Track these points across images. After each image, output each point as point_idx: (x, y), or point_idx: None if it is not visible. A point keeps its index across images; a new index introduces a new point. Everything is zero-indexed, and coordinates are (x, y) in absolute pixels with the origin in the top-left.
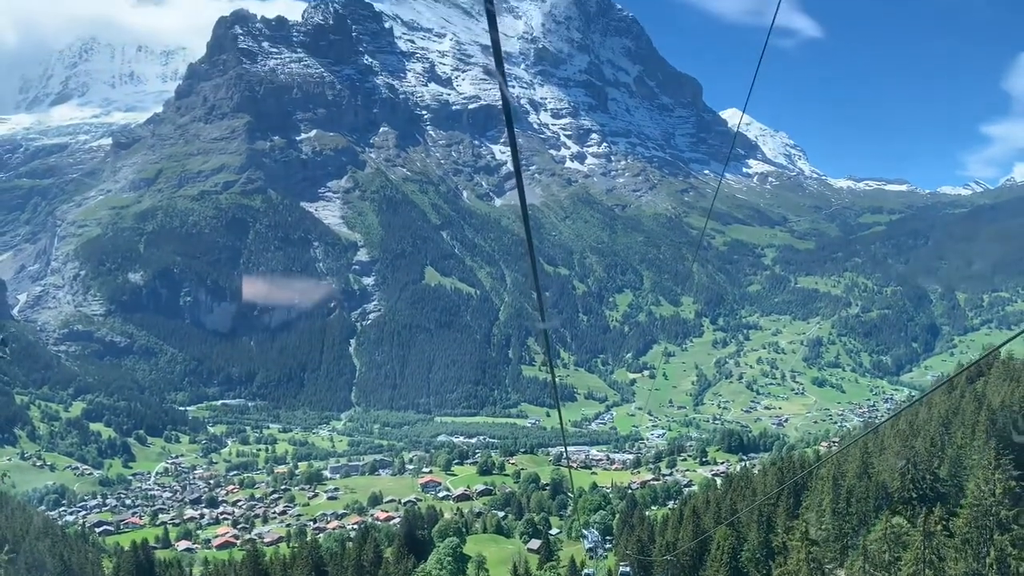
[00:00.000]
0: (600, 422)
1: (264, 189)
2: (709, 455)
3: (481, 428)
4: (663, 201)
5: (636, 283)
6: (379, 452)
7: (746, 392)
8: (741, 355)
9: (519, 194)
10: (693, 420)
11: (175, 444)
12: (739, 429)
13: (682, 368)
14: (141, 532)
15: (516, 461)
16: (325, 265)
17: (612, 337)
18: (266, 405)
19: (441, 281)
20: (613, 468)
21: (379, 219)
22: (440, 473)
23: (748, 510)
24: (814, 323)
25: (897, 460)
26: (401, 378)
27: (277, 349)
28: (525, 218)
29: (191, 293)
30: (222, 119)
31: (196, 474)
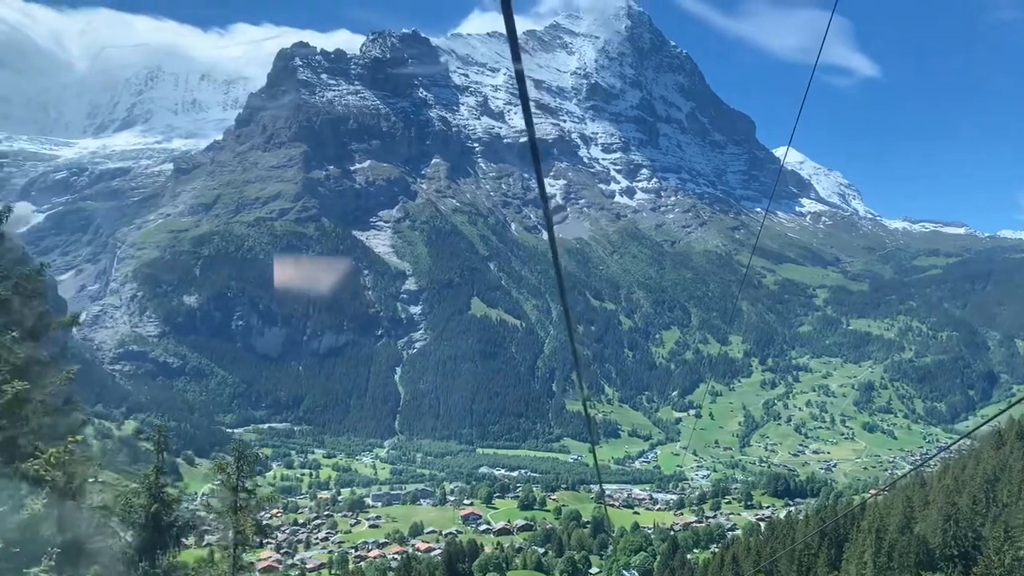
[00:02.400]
0: (644, 460)
1: (318, 217)
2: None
3: (523, 461)
4: (713, 238)
5: (684, 320)
6: (421, 481)
7: (794, 435)
8: (790, 397)
9: (546, 219)
10: (739, 462)
11: None
12: (786, 473)
13: (729, 408)
14: (187, 553)
15: (557, 497)
16: (374, 293)
17: (658, 374)
18: (311, 430)
19: (487, 312)
20: (656, 508)
21: (428, 249)
22: (481, 506)
23: (788, 559)
24: (866, 367)
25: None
26: (444, 408)
27: (324, 375)
28: (553, 248)
29: (243, 317)
30: (280, 148)
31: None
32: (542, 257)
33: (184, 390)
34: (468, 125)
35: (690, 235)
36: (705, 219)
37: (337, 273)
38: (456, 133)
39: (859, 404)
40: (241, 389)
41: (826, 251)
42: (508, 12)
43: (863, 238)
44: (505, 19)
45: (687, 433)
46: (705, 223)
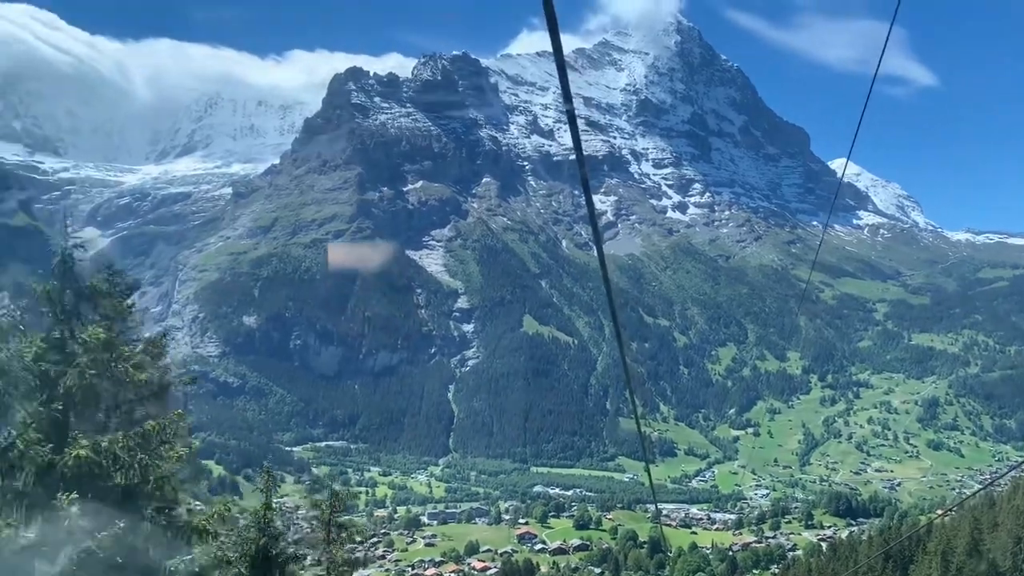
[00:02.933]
0: (701, 479)
1: (372, 237)
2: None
3: (577, 480)
4: (769, 252)
5: (740, 336)
6: (475, 500)
7: (856, 453)
8: (851, 414)
9: (595, 238)
10: (799, 480)
11: (281, 484)
12: (848, 492)
13: (788, 426)
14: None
15: (613, 516)
16: (427, 312)
17: (714, 392)
18: (367, 448)
19: (539, 330)
20: (714, 528)
21: (480, 267)
22: (536, 525)
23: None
24: (930, 382)
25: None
26: (498, 426)
27: (380, 393)
28: (603, 266)
29: (301, 337)
30: (335, 171)
31: (299, 515)
32: (593, 274)
33: (244, 409)
34: (518, 144)
35: (745, 250)
36: (760, 233)
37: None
38: (506, 152)
39: (923, 421)
40: (299, 408)
41: (885, 264)
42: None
43: (924, 251)
44: (555, 55)
45: (745, 451)
46: (760, 237)
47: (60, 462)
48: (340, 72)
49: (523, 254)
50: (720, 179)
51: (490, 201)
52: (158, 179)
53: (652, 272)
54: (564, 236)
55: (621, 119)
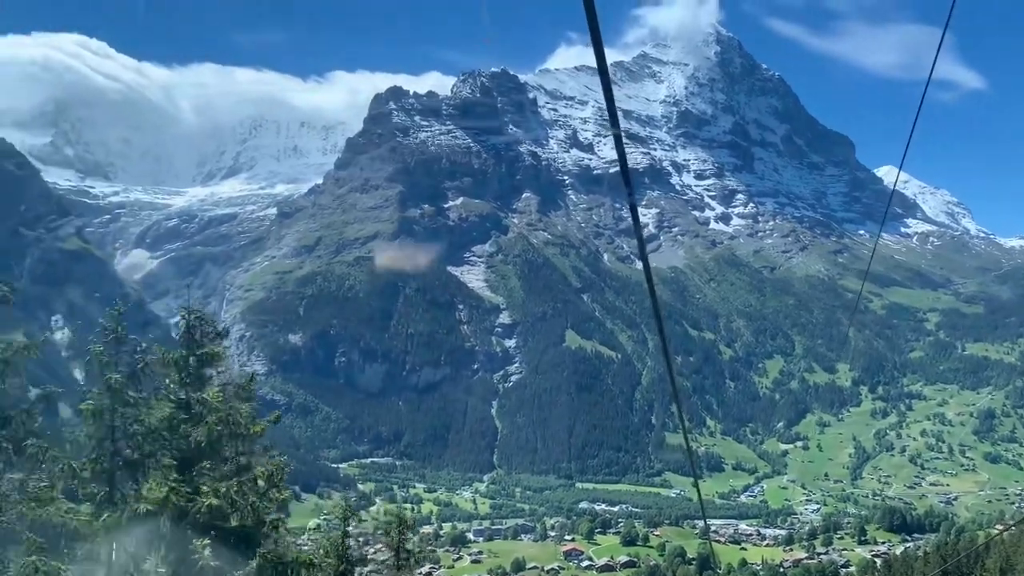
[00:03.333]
0: (749, 494)
1: (414, 255)
2: (869, 533)
3: (623, 496)
4: (815, 262)
5: (787, 348)
6: (521, 516)
7: (909, 466)
8: (903, 426)
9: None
10: (851, 495)
11: (327, 501)
12: (902, 506)
13: (838, 439)
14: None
15: (661, 533)
16: (469, 328)
17: (762, 405)
18: (412, 464)
19: (582, 344)
20: (764, 544)
21: (521, 282)
22: (582, 541)
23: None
24: (985, 393)
25: None
26: (542, 441)
27: (423, 409)
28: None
29: (345, 354)
30: (376, 189)
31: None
32: (636, 287)
33: (290, 426)
34: (558, 158)
35: (790, 260)
36: (806, 243)
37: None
38: (546, 167)
39: (979, 433)
40: (344, 425)
41: (936, 273)
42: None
43: (976, 258)
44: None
45: (794, 465)
46: (806, 247)
47: (193, 509)
48: (381, 92)
49: (564, 268)
50: (764, 189)
51: (530, 216)
52: (205, 201)
53: (696, 284)
54: (605, 249)
55: (661, 131)
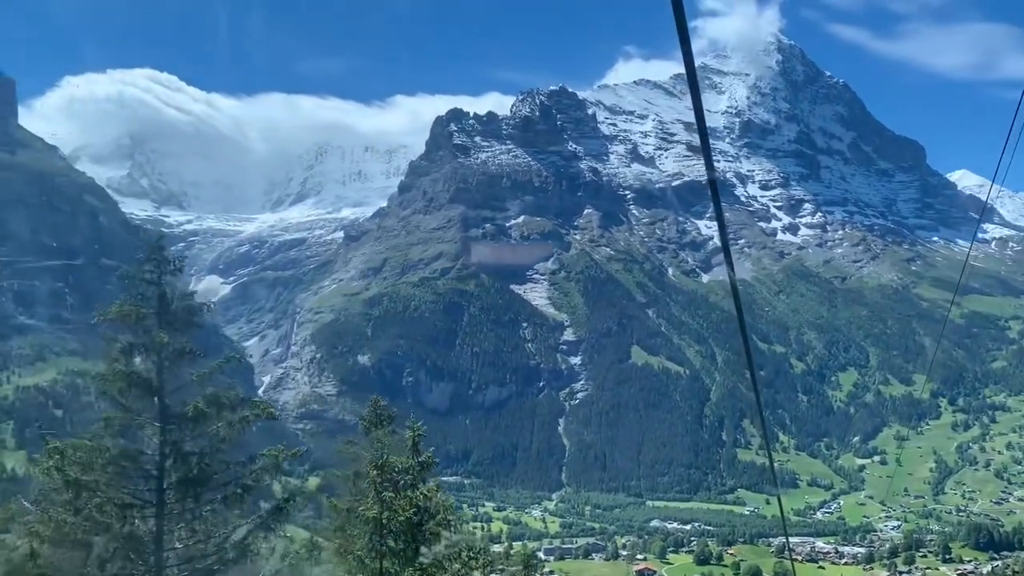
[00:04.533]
0: (826, 511)
1: (477, 274)
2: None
3: (695, 514)
4: (887, 271)
5: (861, 360)
6: (591, 535)
7: (995, 481)
8: (987, 439)
9: (727, 267)
10: (933, 511)
11: None
12: (988, 523)
13: (918, 453)
14: None
15: (735, 551)
16: (534, 345)
17: (836, 419)
18: (481, 483)
19: (648, 360)
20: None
21: (584, 299)
22: (655, 561)
23: None
24: None
25: None
26: (610, 459)
27: (490, 427)
28: (735, 294)
29: (412, 374)
30: (439, 210)
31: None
32: (702, 301)
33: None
34: (618, 173)
35: (862, 270)
36: (877, 252)
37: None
38: (607, 182)
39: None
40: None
41: (1017, 279)
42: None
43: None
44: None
45: (872, 481)
46: (877, 256)
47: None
48: (441, 114)
49: (628, 284)
50: (832, 198)
51: (592, 232)
52: (274, 227)
53: (764, 297)
54: (670, 264)
55: (724, 142)
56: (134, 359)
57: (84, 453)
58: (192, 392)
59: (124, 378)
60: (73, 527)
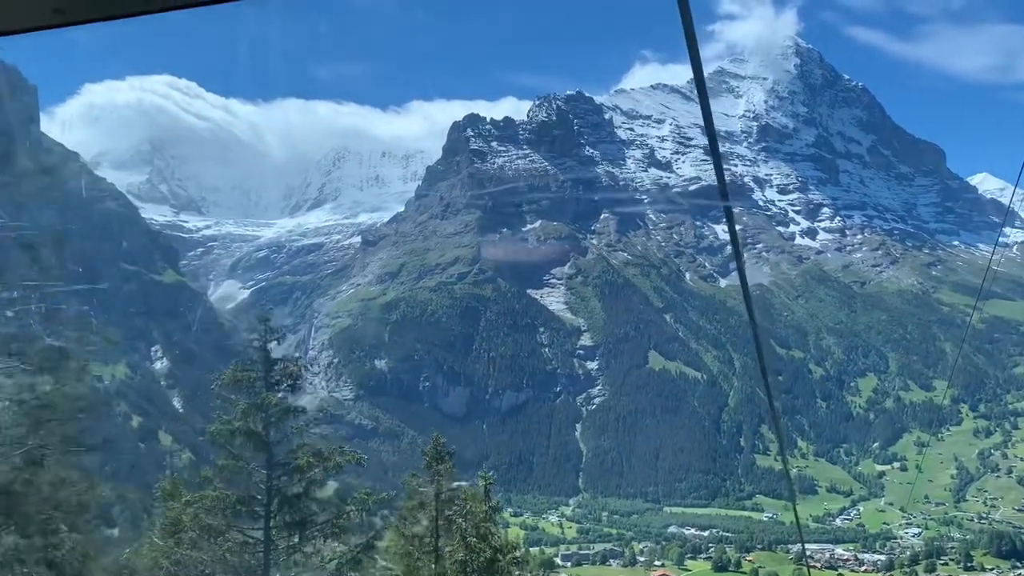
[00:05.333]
0: (845, 518)
1: (494, 279)
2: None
3: (713, 520)
4: (907, 276)
5: (881, 366)
6: (608, 541)
7: (1018, 488)
8: (1009, 446)
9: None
10: (954, 518)
11: None
12: (1011, 531)
13: (939, 460)
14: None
15: (753, 558)
16: (551, 350)
17: (856, 425)
18: (498, 488)
19: (666, 365)
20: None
21: (601, 304)
22: (673, 567)
23: None
24: None
25: None
26: (628, 465)
27: (507, 432)
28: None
29: (429, 378)
30: (456, 215)
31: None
32: (720, 306)
33: (378, 451)
34: (635, 178)
35: (881, 274)
36: (896, 256)
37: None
38: (624, 187)
39: None
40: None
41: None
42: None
43: None
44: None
45: (892, 487)
46: (897, 261)
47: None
48: (458, 119)
49: (645, 289)
50: (850, 202)
51: (609, 237)
52: (292, 232)
53: (783, 302)
54: (687, 268)
55: (742, 146)
56: (248, 418)
57: (210, 501)
58: (291, 439)
59: (239, 433)
60: (197, 562)
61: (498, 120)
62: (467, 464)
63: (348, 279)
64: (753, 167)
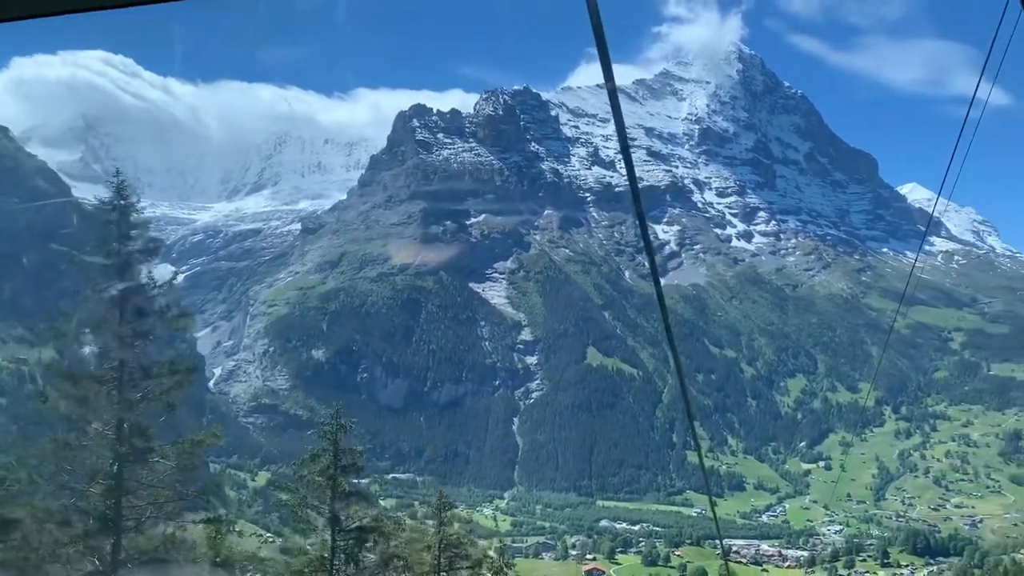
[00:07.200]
0: (771, 514)
1: (436, 271)
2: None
3: (644, 515)
4: (838, 281)
5: (809, 367)
6: (541, 534)
7: (933, 488)
8: (927, 447)
9: (651, 270)
10: (874, 516)
11: None
12: (926, 529)
13: (861, 459)
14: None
15: (682, 553)
16: (491, 344)
17: (784, 424)
18: (433, 481)
19: (603, 361)
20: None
21: (543, 299)
22: (604, 561)
23: None
24: (1011, 414)
25: None
26: (563, 459)
27: (445, 425)
28: (660, 297)
29: (368, 370)
30: (399, 206)
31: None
32: (656, 305)
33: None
34: (579, 176)
35: (813, 278)
36: (828, 261)
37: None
38: (568, 184)
39: (1005, 455)
40: (366, 440)
41: (961, 291)
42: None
43: (1002, 277)
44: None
45: (817, 485)
46: (829, 265)
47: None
48: (404, 109)
49: (586, 285)
50: (786, 207)
51: (552, 233)
52: (230, 216)
53: (717, 302)
54: (627, 267)
55: (683, 148)
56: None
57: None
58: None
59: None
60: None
61: (445, 112)
62: (403, 457)
63: (286, 267)
64: (693, 169)
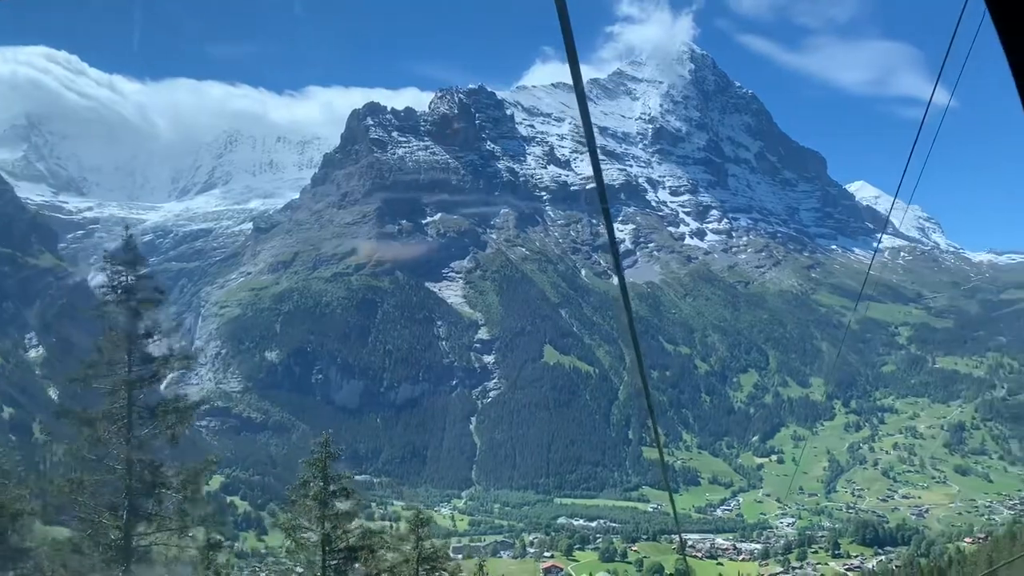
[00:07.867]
0: (726, 508)
1: (392, 271)
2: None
3: (601, 511)
4: (788, 277)
5: (761, 363)
6: (499, 532)
7: (882, 479)
8: (876, 440)
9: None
10: (825, 508)
11: None
12: (874, 519)
13: (813, 453)
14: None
15: (639, 548)
16: (448, 344)
17: (737, 419)
18: (391, 481)
19: (560, 359)
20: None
21: (499, 298)
22: (562, 558)
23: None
24: (955, 407)
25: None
26: (521, 457)
27: (401, 426)
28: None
29: (322, 371)
30: (354, 205)
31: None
32: (613, 303)
33: (267, 444)
34: (535, 174)
35: (764, 275)
36: (779, 259)
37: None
38: (524, 183)
39: (950, 446)
40: None
41: (907, 287)
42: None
43: (946, 272)
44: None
45: (770, 479)
46: (779, 263)
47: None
48: (358, 107)
49: (542, 284)
50: (737, 205)
51: (509, 232)
52: (179, 216)
53: (671, 299)
54: (583, 265)
55: (637, 147)
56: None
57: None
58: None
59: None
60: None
61: (399, 110)
62: (360, 458)
63: (238, 267)
64: (647, 168)
